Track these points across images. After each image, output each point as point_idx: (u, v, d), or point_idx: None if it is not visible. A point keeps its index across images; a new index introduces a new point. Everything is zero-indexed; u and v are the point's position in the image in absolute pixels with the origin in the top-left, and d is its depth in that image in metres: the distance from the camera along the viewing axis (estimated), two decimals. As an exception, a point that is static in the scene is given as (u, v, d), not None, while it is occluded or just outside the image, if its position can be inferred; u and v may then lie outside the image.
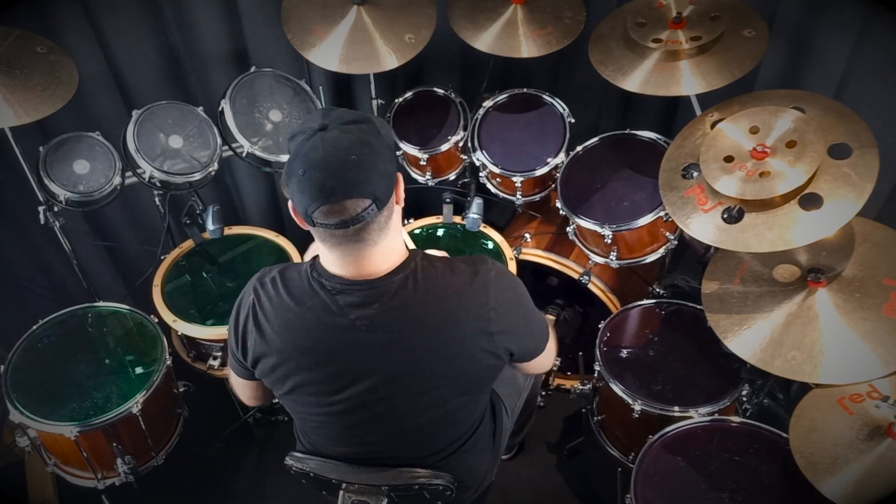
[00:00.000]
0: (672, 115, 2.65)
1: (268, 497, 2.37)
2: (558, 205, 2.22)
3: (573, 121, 2.33)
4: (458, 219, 2.46)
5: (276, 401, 1.57)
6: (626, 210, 2.13)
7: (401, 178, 1.27)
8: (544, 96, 2.39)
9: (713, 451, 1.72)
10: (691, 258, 2.35)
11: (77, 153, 2.15)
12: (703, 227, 1.67)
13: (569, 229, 2.28)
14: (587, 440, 2.32)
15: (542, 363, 1.53)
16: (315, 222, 1.20)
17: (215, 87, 2.54)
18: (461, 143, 2.45)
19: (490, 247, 2.40)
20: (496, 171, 2.34)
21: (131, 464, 1.97)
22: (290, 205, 1.25)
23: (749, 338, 1.64)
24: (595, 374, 2.08)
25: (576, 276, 2.35)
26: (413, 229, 2.48)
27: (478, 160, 2.38)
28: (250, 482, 2.42)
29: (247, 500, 2.37)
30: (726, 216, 1.65)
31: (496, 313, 1.30)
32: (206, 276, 2.30)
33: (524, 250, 2.44)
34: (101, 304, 2.15)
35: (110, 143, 2.18)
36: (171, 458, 2.13)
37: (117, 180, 2.18)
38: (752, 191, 1.59)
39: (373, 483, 1.46)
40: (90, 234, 2.68)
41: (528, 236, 2.47)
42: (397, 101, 2.50)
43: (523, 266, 2.40)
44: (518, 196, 2.39)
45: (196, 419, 2.23)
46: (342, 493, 1.50)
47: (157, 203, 2.35)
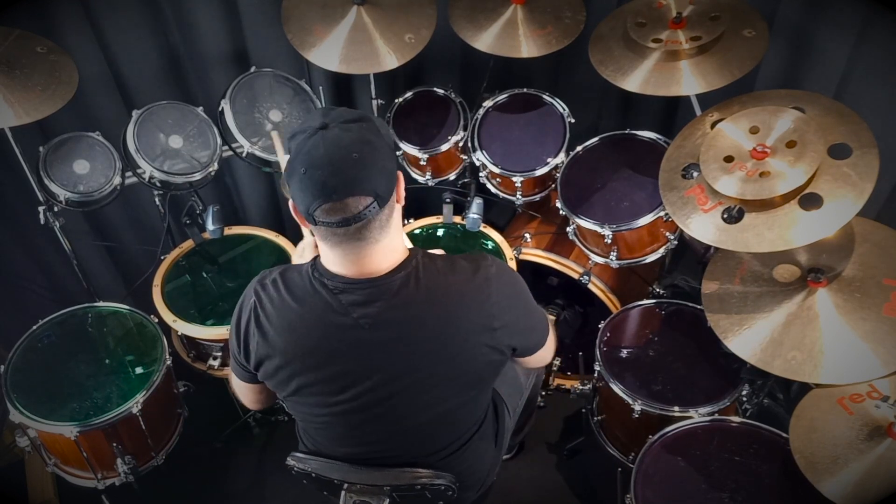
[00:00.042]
0: (672, 115, 2.65)
1: (268, 497, 2.37)
2: (558, 205, 2.22)
3: (573, 121, 2.32)
4: (458, 219, 2.46)
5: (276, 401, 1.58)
6: (626, 210, 2.13)
7: (401, 177, 1.27)
8: (544, 96, 2.39)
9: (713, 451, 1.72)
10: (691, 258, 2.35)
11: (77, 153, 2.15)
12: (703, 227, 1.67)
13: (569, 229, 2.28)
14: (587, 440, 2.32)
15: (543, 357, 1.54)
16: (317, 221, 1.20)
17: (215, 87, 2.54)
18: (461, 143, 2.45)
19: (490, 247, 2.40)
20: (496, 171, 2.34)
21: (131, 464, 1.97)
22: (291, 204, 1.25)
23: (749, 338, 1.64)
24: (595, 374, 2.08)
25: (576, 276, 2.35)
26: (413, 229, 2.48)
27: (478, 160, 2.38)
28: (250, 482, 2.42)
29: (247, 500, 2.37)
30: (726, 216, 1.65)
31: (498, 308, 1.30)
32: (206, 276, 2.30)
33: (524, 250, 2.44)
34: (101, 304, 2.15)
35: (110, 143, 2.18)
36: (171, 458, 2.13)
37: (117, 180, 2.18)
38: (752, 191, 1.59)
39: (374, 483, 1.46)
40: (90, 234, 2.68)
41: (528, 236, 2.47)
42: (397, 101, 2.50)
43: (523, 266, 2.40)
44: (518, 196, 2.39)
45: (196, 419, 2.23)
46: (344, 493, 1.50)
47: (157, 203, 2.35)
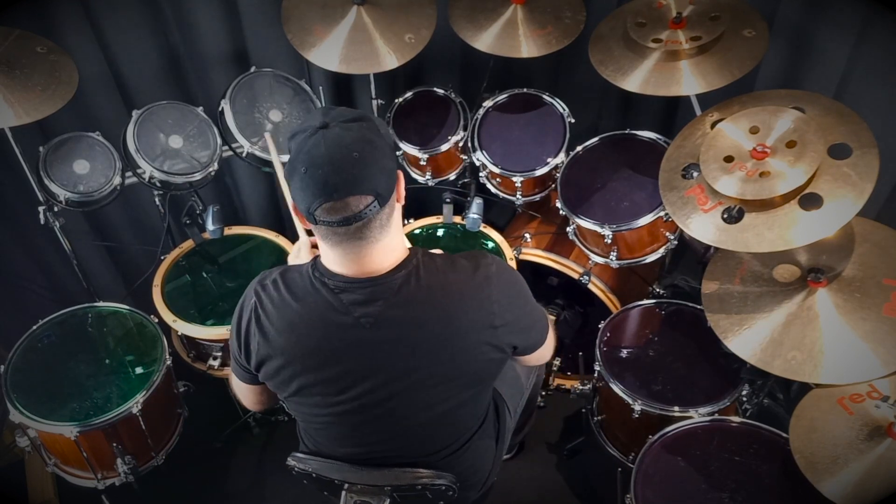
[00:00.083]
0: (672, 115, 2.65)
1: (268, 497, 2.37)
2: (558, 205, 2.22)
3: (573, 121, 2.32)
4: (458, 219, 2.46)
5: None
6: (626, 210, 2.13)
7: (401, 176, 1.27)
8: (544, 96, 2.39)
9: (713, 451, 1.72)
10: (691, 258, 2.35)
11: (77, 153, 2.15)
12: (703, 227, 1.67)
13: (569, 229, 2.28)
14: (587, 440, 2.32)
15: (543, 355, 1.54)
16: (317, 220, 1.20)
17: (215, 87, 2.54)
18: (461, 143, 2.44)
19: (490, 247, 2.40)
20: (496, 171, 2.34)
21: (131, 464, 1.97)
22: (291, 203, 1.25)
23: (749, 338, 1.64)
24: (595, 374, 2.08)
25: (576, 276, 2.35)
26: (413, 229, 2.48)
27: (478, 160, 2.38)
28: (250, 482, 2.42)
29: (247, 500, 2.37)
30: (726, 216, 1.65)
31: (499, 307, 1.30)
32: (206, 276, 2.30)
33: (524, 250, 2.44)
34: (101, 304, 2.14)
35: (110, 143, 2.18)
36: (171, 458, 2.13)
37: (117, 180, 2.18)
38: (752, 191, 1.59)
39: (375, 483, 1.46)
40: (90, 234, 2.68)
41: (528, 236, 2.47)
42: (397, 101, 2.50)
43: (523, 266, 2.40)
44: (518, 196, 2.39)
45: (196, 419, 2.23)
46: (344, 493, 1.50)
47: (157, 203, 2.35)
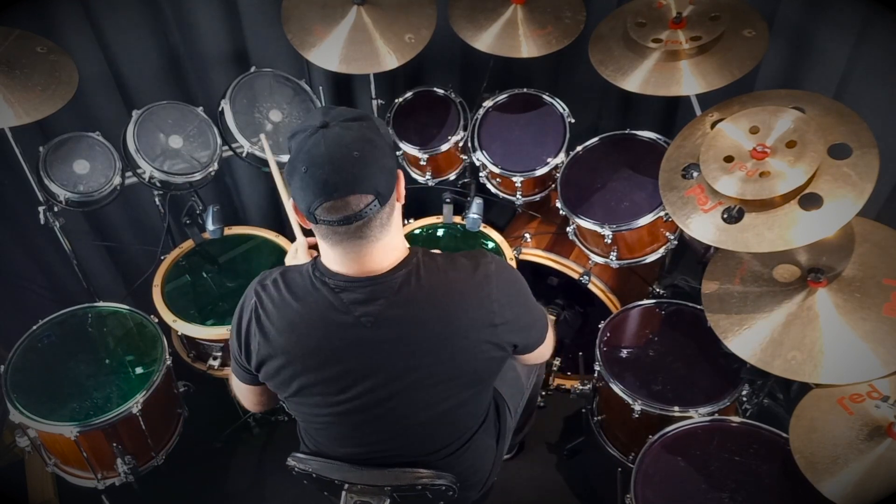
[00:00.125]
0: (672, 115, 2.65)
1: (268, 497, 2.37)
2: (558, 205, 2.22)
3: (573, 121, 2.32)
4: (458, 219, 2.46)
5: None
6: (626, 210, 2.13)
7: (402, 175, 1.27)
8: (544, 96, 2.39)
9: (713, 451, 1.72)
10: (691, 258, 2.35)
11: (77, 153, 2.15)
12: (703, 227, 1.67)
13: (569, 229, 2.28)
14: (587, 440, 2.32)
15: (543, 354, 1.54)
16: (318, 219, 1.20)
17: (215, 87, 2.54)
18: (461, 143, 2.44)
19: (490, 247, 2.40)
20: (496, 171, 2.34)
21: (131, 464, 1.97)
22: (291, 203, 1.25)
23: (749, 338, 1.64)
24: (595, 374, 2.08)
25: (576, 276, 2.35)
26: (413, 229, 2.48)
27: (478, 160, 2.38)
28: (250, 482, 2.42)
29: (247, 500, 2.37)
30: (726, 216, 1.65)
31: (499, 305, 1.30)
32: (206, 276, 2.30)
33: (524, 250, 2.44)
34: (101, 304, 2.14)
35: (110, 143, 2.18)
36: (171, 458, 2.13)
37: (117, 180, 2.18)
38: (752, 191, 1.59)
39: (375, 483, 1.46)
40: (90, 234, 2.68)
41: (528, 236, 2.47)
42: (397, 101, 2.50)
43: (523, 266, 2.40)
44: (518, 196, 2.39)
45: (196, 419, 2.23)
46: (344, 493, 1.49)
47: (157, 203, 2.35)
